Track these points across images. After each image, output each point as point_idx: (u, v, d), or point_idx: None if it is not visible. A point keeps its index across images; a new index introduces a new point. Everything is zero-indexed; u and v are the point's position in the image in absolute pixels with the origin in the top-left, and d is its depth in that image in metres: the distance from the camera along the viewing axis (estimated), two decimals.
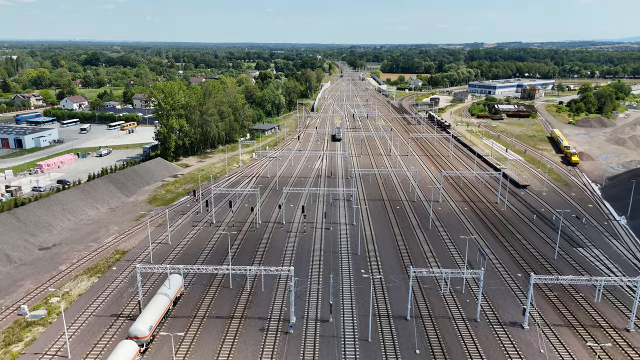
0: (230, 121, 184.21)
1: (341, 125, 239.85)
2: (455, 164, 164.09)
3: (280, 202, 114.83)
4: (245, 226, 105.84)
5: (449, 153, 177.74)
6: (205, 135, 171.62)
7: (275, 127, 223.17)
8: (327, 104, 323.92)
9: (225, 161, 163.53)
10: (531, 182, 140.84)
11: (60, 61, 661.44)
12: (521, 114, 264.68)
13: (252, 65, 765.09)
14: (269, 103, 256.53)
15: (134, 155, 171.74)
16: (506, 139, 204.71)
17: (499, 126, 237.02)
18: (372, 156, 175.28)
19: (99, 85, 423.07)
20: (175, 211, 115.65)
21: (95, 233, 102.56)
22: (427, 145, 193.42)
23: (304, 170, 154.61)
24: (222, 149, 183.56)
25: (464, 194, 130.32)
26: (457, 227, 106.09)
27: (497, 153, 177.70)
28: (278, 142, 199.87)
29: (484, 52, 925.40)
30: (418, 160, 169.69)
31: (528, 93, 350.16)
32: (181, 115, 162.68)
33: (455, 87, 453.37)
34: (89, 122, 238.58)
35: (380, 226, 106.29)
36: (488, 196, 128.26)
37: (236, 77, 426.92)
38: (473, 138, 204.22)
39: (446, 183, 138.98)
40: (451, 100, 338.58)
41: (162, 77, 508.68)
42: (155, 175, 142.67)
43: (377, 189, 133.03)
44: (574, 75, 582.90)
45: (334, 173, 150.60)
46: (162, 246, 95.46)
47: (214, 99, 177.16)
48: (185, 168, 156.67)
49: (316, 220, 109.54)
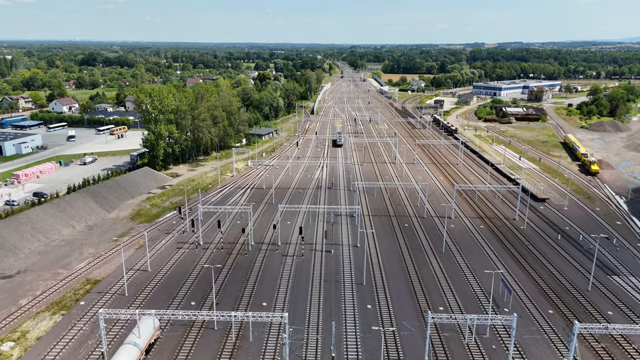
0: (224, 126, 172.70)
1: (342, 129, 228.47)
2: (465, 173, 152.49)
3: (276, 221, 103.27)
4: (236, 248, 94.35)
5: (458, 161, 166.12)
6: (197, 142, 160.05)
7: (273, 131, 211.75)
8: (327, 107, 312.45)
9: (218, 170, 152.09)
10: (550, 194, 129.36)
11: (56, 61, 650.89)
12: (530, 117, 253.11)
13: (252, 66, 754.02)
14: (267, 106, 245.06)
15: (121, 163, 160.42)
16: (517, 144, 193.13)
17: (508, 130, 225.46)
18: (376, 164, 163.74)
19: (92, 87, 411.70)
20: (159, 230, 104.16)
21: (67, 257, 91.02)
22: (434, 152, 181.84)
23: (303, 180, 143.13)
24: (215, 156, 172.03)
25: (478, 208, 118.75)
26: (474, 250, 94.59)
27: (509, 161, 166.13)
28: (276, 148, 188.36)
29: (485, 52, 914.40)
30: (425, 168, 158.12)
31: (535, 95, 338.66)
32: (171, 120, 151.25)
33: (459, 88, 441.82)
34: (77, 126, 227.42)
35: (388, 248, 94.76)
36: (505, 211, 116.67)
37: (234, 78, 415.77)
38: (482, 144, 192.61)
39: (458, 196, 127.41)
40: (456, 103, 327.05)
41: (158, 77, 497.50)
42: (140, 187, 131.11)
43: (382, 203, 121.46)
44: (579, 76, 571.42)
45: (335, 184, 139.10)
46: (140, 274, 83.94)
47: (207, 103, 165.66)
48: (174, 178, 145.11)
49: (315, 240, 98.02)
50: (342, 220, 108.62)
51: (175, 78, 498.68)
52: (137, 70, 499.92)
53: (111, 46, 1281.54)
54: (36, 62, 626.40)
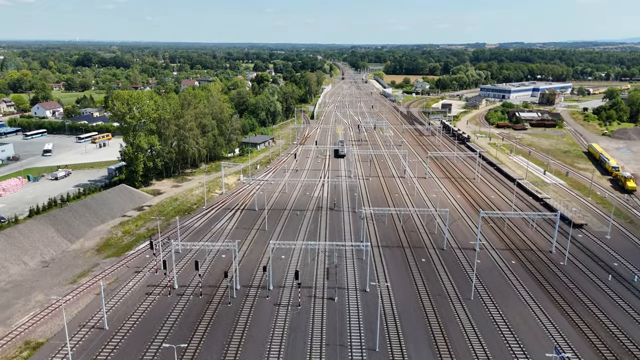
0: (214, 135, 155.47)
1: (344, 136, 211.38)
2: (485, 190, 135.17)
3: (268, 257, 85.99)
4: (217, 294, 77.20)
5: (475, 175, 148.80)
6: (182, 154, 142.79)
7: (269, 140, 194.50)
8: (328, 111, 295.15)
9: (206, 186, 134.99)
10: (586, 217, 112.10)
11: (49, 62, 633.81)
12: (546, 123, 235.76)
13: (251, 67, 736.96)
14: (264, 111, 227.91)
15: (98, 177, 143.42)
16: (537, 155, 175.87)
17: (524, 138, 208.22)
18: (383, 178, 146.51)
19: (83, 89, 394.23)
20: (128, 266, 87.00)
21: (9, 307, 73.88)
22: (447, 165, 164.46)
23: (302, 199, 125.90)
24: (204, 168, 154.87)
25: (506, 237, 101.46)
26: (509, 295, 77.39)
27: (531, 174, 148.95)
28: (272, 159, 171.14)
29: (488, 52, 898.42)
30: (438, 184, 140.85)
31: (547, 98, 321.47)
32: (152, 130, 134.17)
33: (465, 90, 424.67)
34: (58, 133, 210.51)
35: (404, 294, 77.50)
36: (538, 241, 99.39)
37: (231, 80, 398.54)
38: (499, 154, 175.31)
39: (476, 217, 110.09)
40: (464, 106, 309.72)
41: (153, 79, 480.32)
42: (114, 209, 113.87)
43: (394, 231, 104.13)
44: (588, 78, 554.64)
45: (338, 203, 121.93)
46: (95, 334, 66.73)
47: (194, 110, 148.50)
48: (155, 196, 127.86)
49: (315, 282, 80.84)
50: (347, 252, 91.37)
51: (170, 79, 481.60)
52: (130, 71, 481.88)
53: (110, 46, 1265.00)
54: (29, 63, 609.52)
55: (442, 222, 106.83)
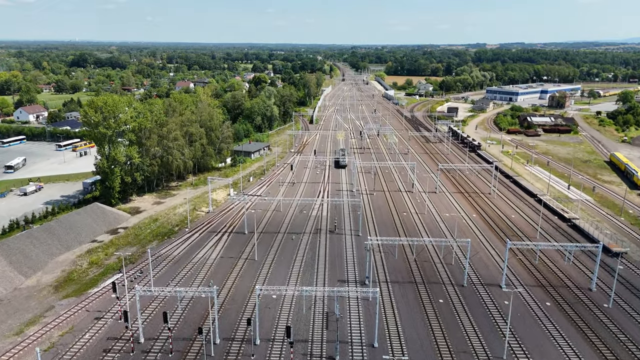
0: (202, 145, 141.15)
1: (345, 143, 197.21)
2: (504, 209, 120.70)
3: (255, 304, 71.67)
4: (192, 350, 62.97)
5: (491, 190, 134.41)
6: (166, 167, 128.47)
7: (264, 147, 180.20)
8: (328, 114, 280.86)
9: (191, 203, 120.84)
10: (622, 241, 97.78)
11: (42, 62, 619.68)
12: (560, 128, 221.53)
13: (249, 67, 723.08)
14: (259, 115, 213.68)
15: (72, 192, 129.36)
16: (556, 165, 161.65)
17: (539, 146, 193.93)
18: (389, 193, 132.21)
19: (73, 91, 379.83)
20: (87, 310, 72.69)
21: None
22: (459, 177, 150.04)
23: (297, 219, 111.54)
24: (191, 181, 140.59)
25: (537, 270, 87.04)
26: (547, 351, 63.12)
27: (552, 188, 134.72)
28: (267, 169, 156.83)
29: (490, 53, 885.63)
30: (451, 200, 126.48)
31: (557, 101, 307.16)
32: (132, 141, 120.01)
33: (470, 92, 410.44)
34: (39, 140, 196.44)
35: (421, 352, 63.17)
36: (573, 275, 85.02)
37: (228, 82, 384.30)
38: (514, 164, 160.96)
39: (499, 241, 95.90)
40: (470, 110, 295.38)
41: (148, 80, 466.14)
42: (82, 233, 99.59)
43: (404, 263, 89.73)
44: (595, 79, 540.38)
45: (339, 224, 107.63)
46: None
47: (179, 118, 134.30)
48: (133, 215, 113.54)
49: (312, 336, 66.58)
50: (351, 298, 77.03)
51: (165, 81, 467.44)
52: (124, 72, 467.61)
53: (109, 46, 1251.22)
54: (22, 64, 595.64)
55: (458, 247, 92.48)
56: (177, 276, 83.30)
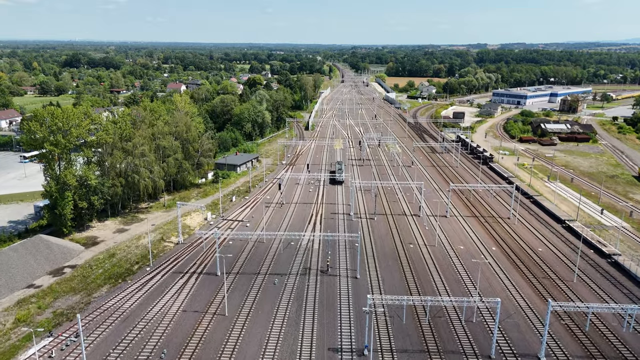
0: (177, 160, 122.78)
1: (343, 152, 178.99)
2: (528, 239, 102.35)
3: None
4: None
5: (510, 213, 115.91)
6: (132, 187, 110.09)
7: (252, 159, 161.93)
8: (325, 120, 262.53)
9: (160, 230, 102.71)
10: None
11: (33, 63, 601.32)
12: (578, 137, 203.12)
13: (246, 68, 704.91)
14: (249, 122, 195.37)
15: (23, 216, 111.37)
16: (579, 180, 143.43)
17: (556, 157, 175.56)
18: (392, 217, 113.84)
19: (59, 93, 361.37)
20: None
21: None
22: (472, 198, 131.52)
23: (283, 255, 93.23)
24: (164, 201, 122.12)
25: (585, 337, 68.60)
26: None
27: (582, 212, 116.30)
28: (253, 186, 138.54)
29: (493, 53, 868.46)
30: (465, 226, 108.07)
31: (569, 105, 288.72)
32: (89, 159, 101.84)
33: (475, 95, 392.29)
34: (4, 149, 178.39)
35: None
36: (633, 344, 66.67)
37: (221, 83, 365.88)
38: (533, 181, 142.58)
39: (531, 295, 77.60)
40: (477, 114, 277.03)
41: (139, 82, 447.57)
42: (17, 276, 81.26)
43: (415, 324, 71.31)
44: (603, 81, 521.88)
45: (332, 263, 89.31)
46: None
47: (150, 130, 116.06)
48: (88, 248, 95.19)
49: None
50: None
51: (158, 82, 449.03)
52: (113, 74, 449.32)
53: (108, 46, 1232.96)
54: (11, 64, 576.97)
55: (478, 299, 74.14)
56: (124, 340, 65.11)
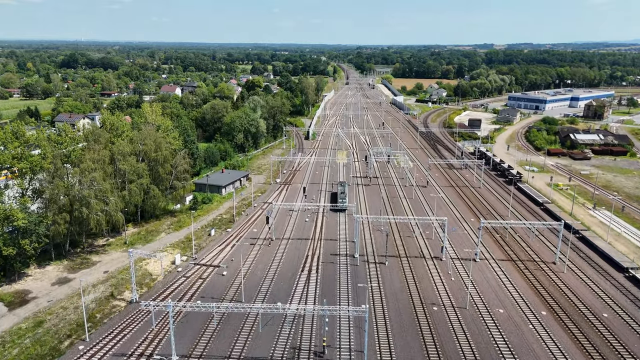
0: (144, 185, 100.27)
1: (347, 168, 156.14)
2: (588, 299, 79.09)
3: None
4: None
5: (556, 257, 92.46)
6: (79, 223, 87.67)
7: (241, 177, 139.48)
8: (328, 127, 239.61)
9: (114, 280, 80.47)
10: None
11: (27, 63, 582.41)
12: (613, 149, 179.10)
13: (248, 68, 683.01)
14: (241, 132, 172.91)
15: None
16: (629, 207, 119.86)
17: (592, 174, 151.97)
18: (408, 261, 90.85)
19: (45, 96, 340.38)
20: None
21: None
22: (503, 232, 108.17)
23: (263, 332, 70.54)
24: (125, 238, 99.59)
25: None
26: None
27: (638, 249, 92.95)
28: (239, 214, 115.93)
29: (502, 54, 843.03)
30: (501, 278, 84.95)
31: (594, 110, 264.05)
32: (22, 192, 79.61)
33: (488, 98, 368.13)
34: None
35: None
36: None
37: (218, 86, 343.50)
38: (575, 208, 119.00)
39: None
40: (494, 121, 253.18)
41: (134, 84, 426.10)
42: None
43: None
44: (622, 83, 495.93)
45: (329, 341, 66.45)
46: None
47: (106, 151, 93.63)
48: (11, 311, 72.80)
49: None
50: None
51: (153, 84, 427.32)
52: (105, 75, 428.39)
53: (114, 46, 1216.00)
54: (5, 65, 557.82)
55: None
56: None
